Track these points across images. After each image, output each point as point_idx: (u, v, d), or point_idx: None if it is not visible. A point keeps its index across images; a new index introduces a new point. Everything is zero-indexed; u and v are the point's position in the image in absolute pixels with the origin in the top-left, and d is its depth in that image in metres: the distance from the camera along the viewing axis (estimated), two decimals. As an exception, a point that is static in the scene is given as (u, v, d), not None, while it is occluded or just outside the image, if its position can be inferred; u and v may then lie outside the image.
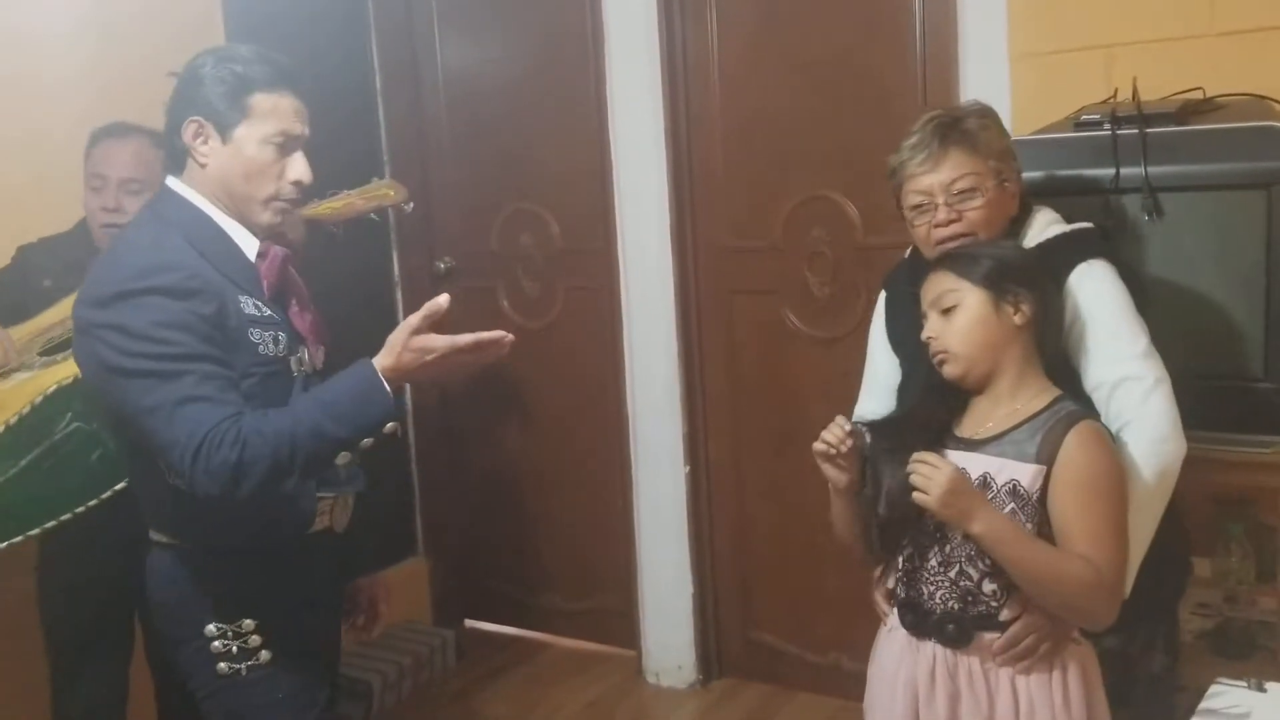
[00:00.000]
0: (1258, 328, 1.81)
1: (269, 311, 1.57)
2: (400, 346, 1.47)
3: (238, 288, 1.54)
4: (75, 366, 1.62)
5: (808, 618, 2.87)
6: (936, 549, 1.53)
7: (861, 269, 2.64)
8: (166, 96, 1.59)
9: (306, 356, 1.62)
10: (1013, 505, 1.47)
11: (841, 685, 2.79)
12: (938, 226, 1.66)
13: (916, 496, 1.44)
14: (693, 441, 2.94)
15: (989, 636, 1.50)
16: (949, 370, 1.54)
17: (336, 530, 1.67)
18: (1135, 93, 1.94)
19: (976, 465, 1.50)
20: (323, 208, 2.02)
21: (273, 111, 1.56)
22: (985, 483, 1.49)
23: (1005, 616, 1.50)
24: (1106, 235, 1.75)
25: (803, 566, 2.85)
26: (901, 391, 1.81)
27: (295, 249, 1.85)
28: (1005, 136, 1.72)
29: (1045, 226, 1.70)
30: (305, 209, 1.94)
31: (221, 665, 1.58)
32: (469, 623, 3.41)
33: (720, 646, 3.03)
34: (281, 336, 1.57)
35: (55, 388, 1.70)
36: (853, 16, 2.57)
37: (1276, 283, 1.78)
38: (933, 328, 1.55)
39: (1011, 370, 1.53)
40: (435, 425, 3.36)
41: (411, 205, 2.24)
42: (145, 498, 1.62)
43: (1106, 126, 1.87)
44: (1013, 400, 1.53)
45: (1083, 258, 1.64)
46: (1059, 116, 2.02)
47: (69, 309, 1.61)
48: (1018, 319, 1.52)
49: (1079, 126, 1.93)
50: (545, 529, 3.25)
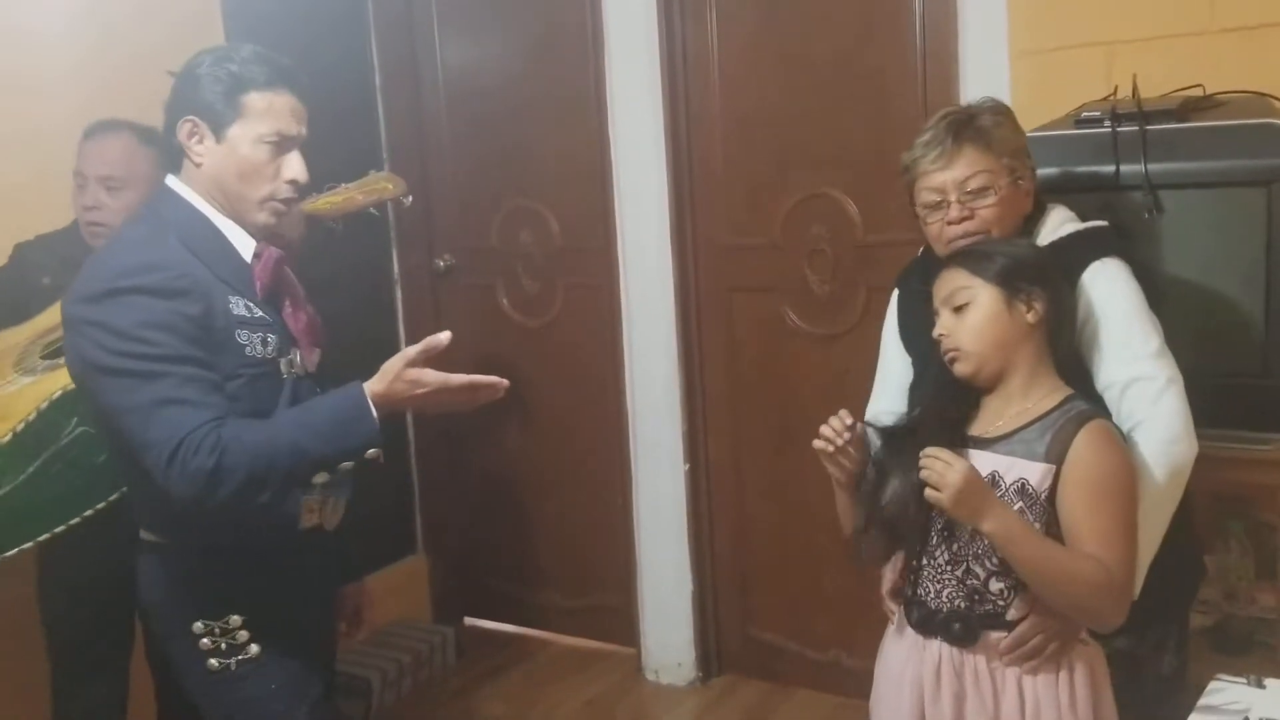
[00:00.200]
0: (1258, 325, 1.81)
1: (260, 313, 1.56)
2: (393, 375, 1.47)
3: (229, 288, 1.53)
4: None
5: (807, 615, 2.87)
6: (944, 547, 1.52)
7: (861, 267, 2.64)
8: (165, 94, 1.59)
9: (299, 358, 1.60)
10: (1021, 504, 1.47)
11: (841, 682, 2.80)
12: (950, 224, 1.64)
13: (929, 494, 1.42)
14: (692, 439, 2.94)
15: (995, 636, 1.50)
16: (960, 368, 1.53)
17: (327, 529, 1.66)
18: (1135, 90, 1.93)
19: (986, 463, 1.50)
20: (321, 202, 2.00)
21: (267, 111, 1.55)
22: (994, 481, 1.48)
23: (1012, 616, 1.49)
24: (1121, 234, 1.73)
25: (802, 564, 2.85)
26: (913, 391, 1.80)
27: (293, 247, 1.84)
28: (1020, 134, 1.70)
29: (1059, 225, 1.69)
30: (304, 204, 1.93)
31: (212, 661, 1.58)
32: (469, 620, 3.41)
33: (720, 644, 3.03)
34: (271, 338, 1.56)
35: (60, 393, 1.69)
36: (853, 14, 2.57)
37: (1276, 280, 1.78)
38: (944, 325, 1.54)
39: (1023, 369, 1.52)
40: (434, 423, 3.35)
41: (410, 199, 2.23)
42: (134, 496, 1.62)
43: (1107, 124, 1.87)
44: (1024, 399, 1.52)
45: (1096, 256, 1.63)
46: (1059, 114, 2.02)
47: None
48: (1030, 317, 1.51)
49: (1079, 124, 1.93)
50: (545, 527, 3.25)
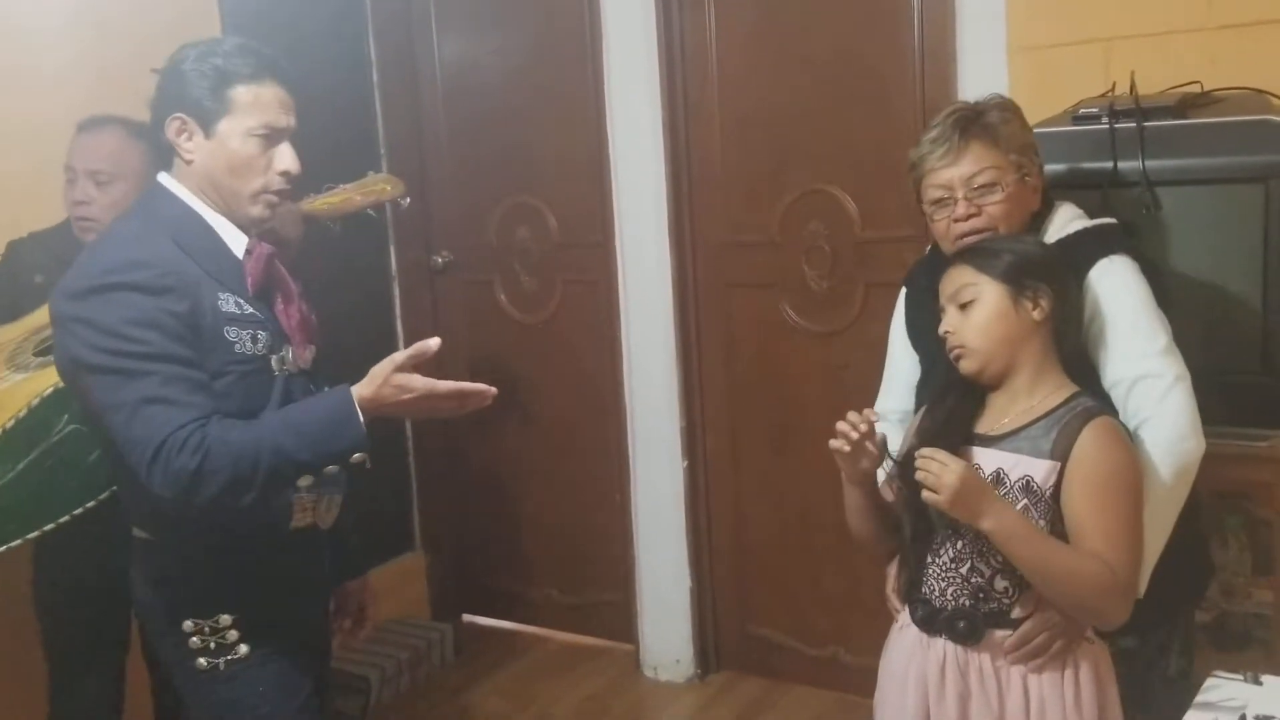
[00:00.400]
0: (1255, 321, 1.81)
1: (251, 309, 1.55)
2: (381, 379, 1.47)
3: (220, 284, 1.52)
4: None
5: (805, 611, 2.87)
6: (949, 545, 1.52)
7: (859, 263, 2.64)
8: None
9: (291, 355, 1.59)
10: (1025, 501, 1.46)
11: (839, 678, 2.80)
12: (957, 221, 1.63)
13: (926, 495, 1.42)
14: (690, 436, 2.94)
15: (1000, 634, 1.49)
16: (965, 365, 1.53)
17: (322, 527, 1.65)
18: (1133, 86, 1.93)
19: (991, 461, 1.49)
20: (320, 203, 2.00)
21: (255, 103, 1.53)
22: (999, 478, 1.48)
23: (1017, 614, 1.49)
24: (1129, 231, 1.72)
25: (800, 560, 2.85)
26: (920, 388, 1.80)
27: (291, 246, 1.83)
28: (1027, 130, 1.69)
29: (1067, 222, 1.68)
30: (302, 204, 1.93)
31: (200, 661, 1.57)
32: (466, 617, 3.40)
33: (718, 640, 3.03)
34: (262, 335, 1.54)
35: (52, 390, 1.69)
36: (851, 10, 2.56)
37: (1274, 276, 1.78)
38: (950, 322, 1.53)
39: (1029, 366, 1.51)
40: (432, 420, 3.35)
41: (408, 200, 2.23)
42: (125, 493, 1.61)
43: (1104, 120, 1.87)
44: (1030, 396, 1.51)
45: (1104, 253, 1.62)
46: (1057, 110, 2.02)
47: None
48: (1036, 314, 1.50)
49: (1077, 120, 1.93)
50: (543, 523, 3.25)
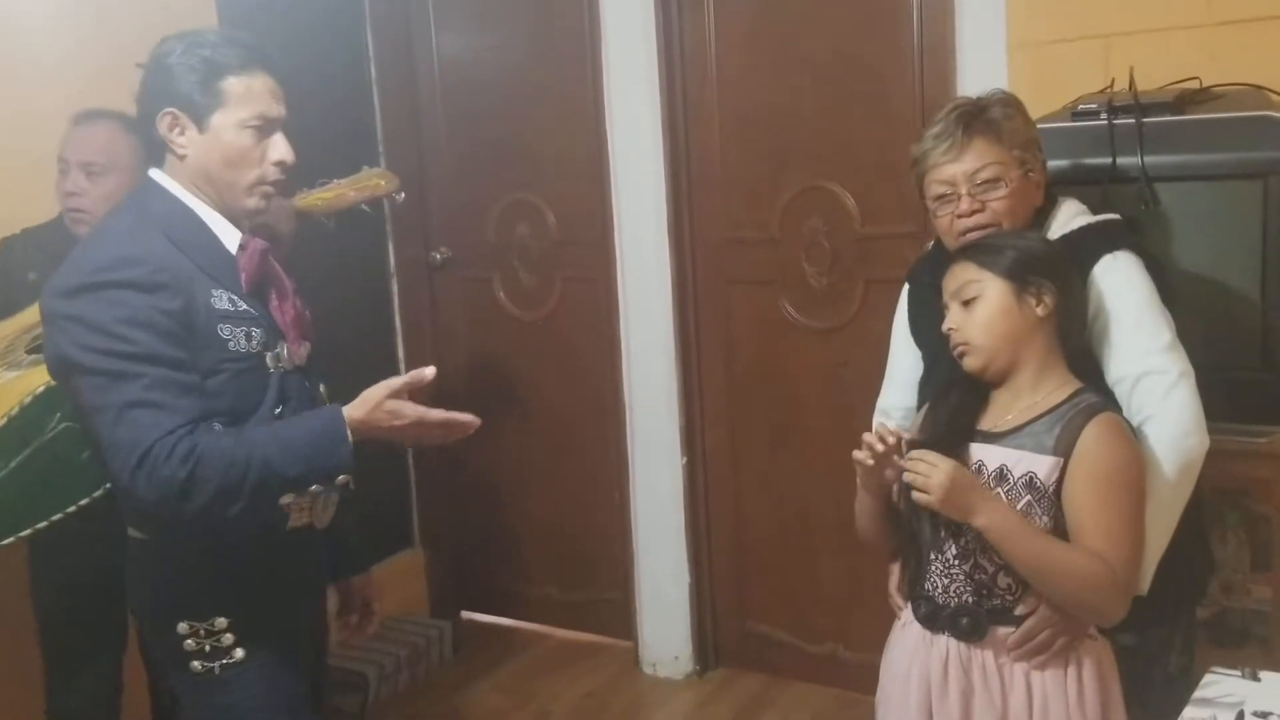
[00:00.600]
0: (1254, 317, 1.81)
1: (245, 306, 1.53)
2: (374, 404, 1.48)
3: (214, 281, 1.51)
4: None
5: (804, 608, 2.87)
6: (951, 542, 1.51)
7: (859, 260, 2.64)
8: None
9: (286, 352, 1.58)
10: (1029, 498, 1.46)
11: (838, 675, 2.81)
12: (961, 217, 1.63)
13: (917, 496, 1.43)
14: (690, 433, 2.94)
15: (1003, 631, 1.49)
16: (969, 362, 1.52)
17: (318, 527, 1.64)
18: (1132, 82, 1.93)
19: (994, 457, 1.49)
20: (313, 198, 1.99)
21: (247, 94, 1.52)
22: (1002, 475, 1.48)
23: (1020, 611, 1.48)
24: (1133, 227, 1.72)
25: (799, 557, 2.85)
26: (923, 385, 1.79)
27: (284, 242, 1.83)
28: (1030, 125, 1.69)
29: (1071, 217, 1.68)
30: (296, 200, 1.92)
31: (195, 664, 1.55)
32: (465, 614, 3.41)
33: (717, 637, 3.03)
34: (256, 332, 1.53)
35: (44, 387, 1.67)
36: (851, 7, 2.56)
37: (1273, 272, 1.79)
38: (954, 319, 1.53)
39: (1033, 363, 1.51)
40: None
41: (403, 195, 2.22)
42: (120, 493, 1.59)
43: (1103, 116, 1.87)
44: (1033, 393, 1.51)
45: (1108, 249, 1.61)
46: (1056, 106, 2.02)
47: None
48: (1040, 311, 1.50)
49: (1076, 116, 1.93)
50: (542, 520, 3.25)
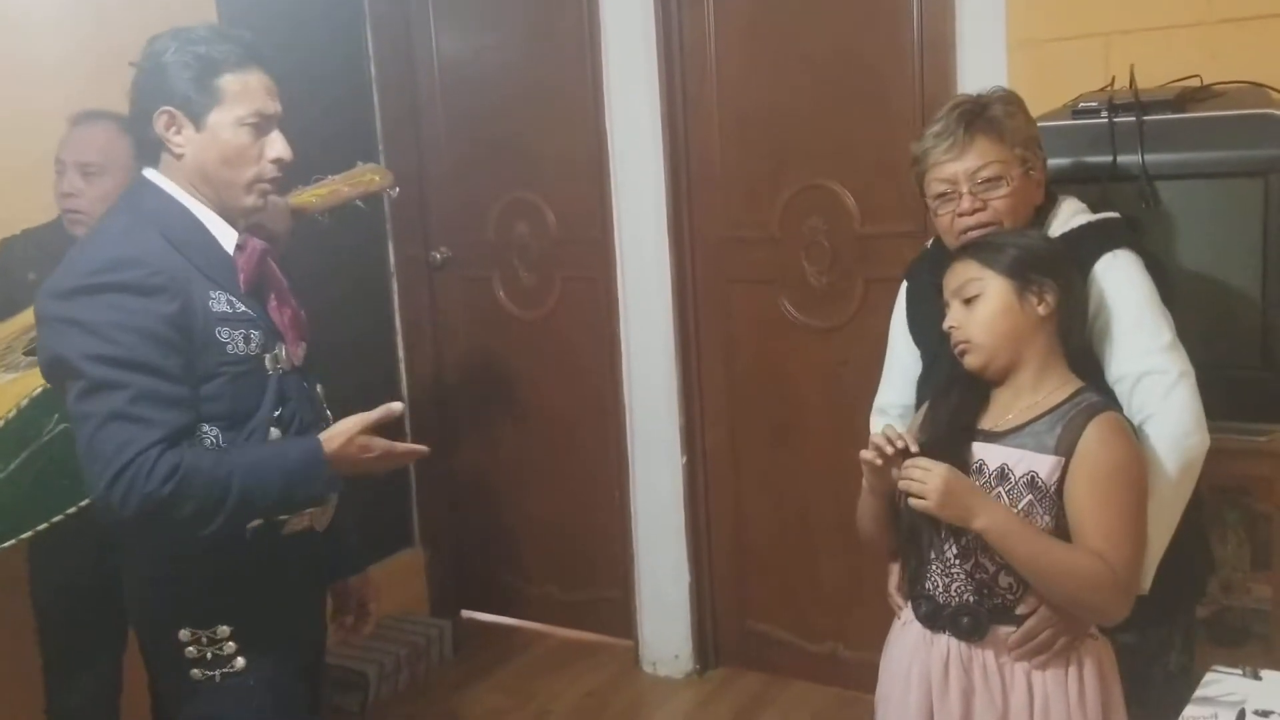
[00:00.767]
0: (1254, 315, 1.81)
1: (243, 307, 1.52)
2: (347, 438, 1.50)
3: (212, 282, 1.50)
4: None
5: (804, 607, 2.87)
6: (952, 541, 1.51)
7: (859, 258, 2.64)
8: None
9: (284, 353, 1.57)
10: (1030, 497, 1.45)
11: (838, 674, 2.80)
12: (962, 215, 1.63)
13: (914, 502, 1.43)
14: (689, 432, 2.94)
15: (1004, 630, 1.49)
16: (970, 361, 1.52)
17: (318, 530, 1.63)
18: (1133, 80, 1.93)
19: (995, 456, 1.49)
20: (308, 195, 1.98)
21: (244, 92, 1.51)
22: (1004, 474, 1.47)
23: (1022, 610, 1.48)
24: (1133, 226, 1.72)
25: (799, 556, 2.85)
26: (922, 384, 1.79)
27: (278, 240, 1.81)
28: (1031, 124, 1.68)
29: (1071, 216, 1.68)
30: (290, 197, 1.91)
31: (194, 671, 1.53)
32: (466, 613, 3.41)
33: (717, 636, 3.03)
34: (255, 334, 1.52)
35: (41, 390, 1.67)
36: (850, 5, 2.56)
37: (1273, 270, 1.78)
38: (955, 317, 1.53)
39: (1034, 361, 1.50)
40: (431, 416, 3.35)
41: (397, 190, 2.21)
42: (96, 500, 1.54)
43: (1104, 114, 1.87)
44: (1034, 392, 1.50)
45: (1108, 248, 1.61)
46: (1056, 104, 2.02)
47: None
48: (1041, 309, 1.50)
49: (1076, 114, 1.93)
50: (542, 519, 3.25)
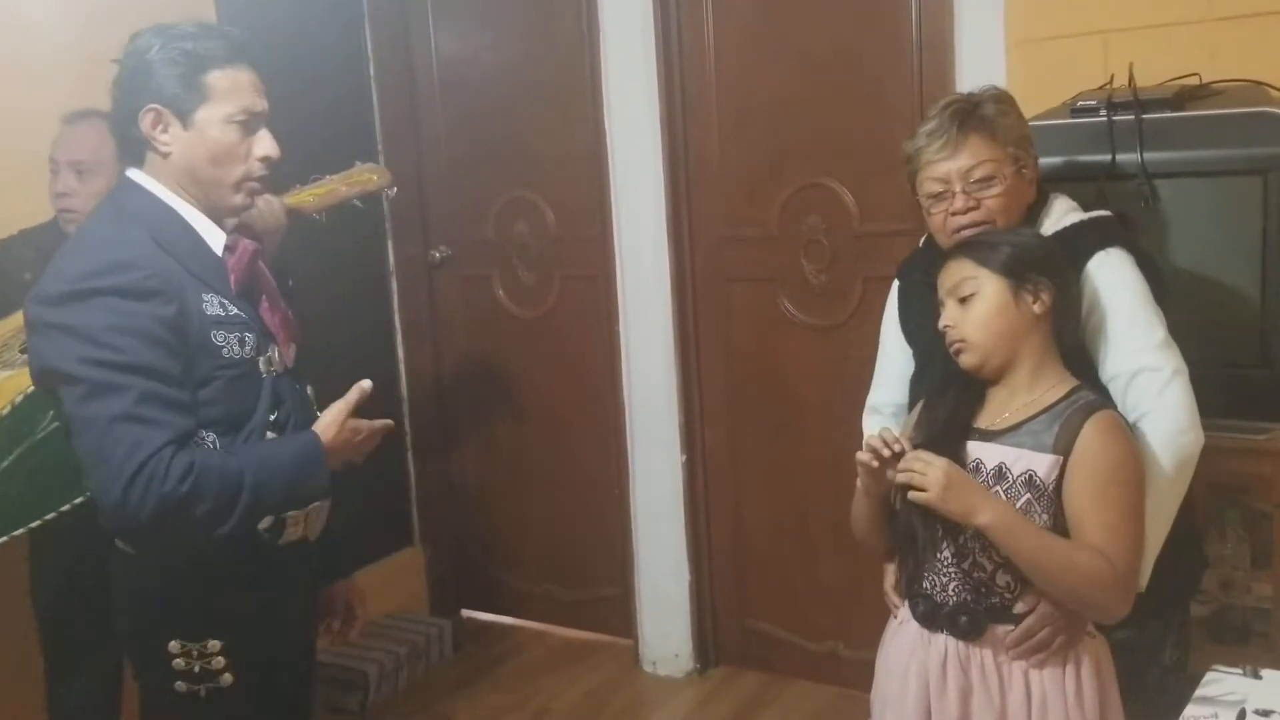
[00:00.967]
0: (1254, 314, 1.81)
1: (236, 310, 1.50)
2: (339, 424, 1.51)
3: (204, 285, 1.47)
4: None
5: (804, 606, 2.87)
6: (949, 540, 1.51)
7: (858, 257, 2.64)
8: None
9: (277, 356, 1.55)
10: (1028, 496, 1.45)
11: (838, 673, 2.80)
12: (955, 214, 1.63)
13: (914, 495, 1.42)
14: (689, 430, 2.94)
15: (1002, 630, 1.49)
16: (966, 360, 1.52)
17: (311, 538, 1.61)
18: (1131, 79, 1.93)
19: (993, 456, 1.49)
20: (305, 194, 1.97)
21: (232, 89, 1.48)
22: (1001, 473, 1.47)
23: (1019, 609, 1.48)
24: (1125, 224, 1.72)
25: (799, 555, 2.85)
26: (914, 383, 1.79)
27: (274, 239, 1.80)
28: (1023, 122, 1.69)
29: (1063, 214, 1.68)
30: (286, 196, 1.90)
31: (180, 684, 1.51)
32: (466, 612, 3.41)
33: (717, 635, 3.03)
34: (249, 337, 1.50)
35: (35, 387, 1.68)
36: (849, 3, 2.56)
37: (1273, 269, 1.78)
38: (950, 316, 1.52)
39: (1030, 360, 1.50)
40: (431, 415, 3.35)
41: (395, 189, 2.20)
42: (104, 506, 1.48)
43: (1102, 113, 1.87)
44: (1030, 391, 1.50)
45: (1100, 246, 1.61)
46: (1055, 103, 2.01)
47: None
48: (1037, 308, 1.50)
49: (1075, 113, 1.93)
50: (542, 518, 3.25)
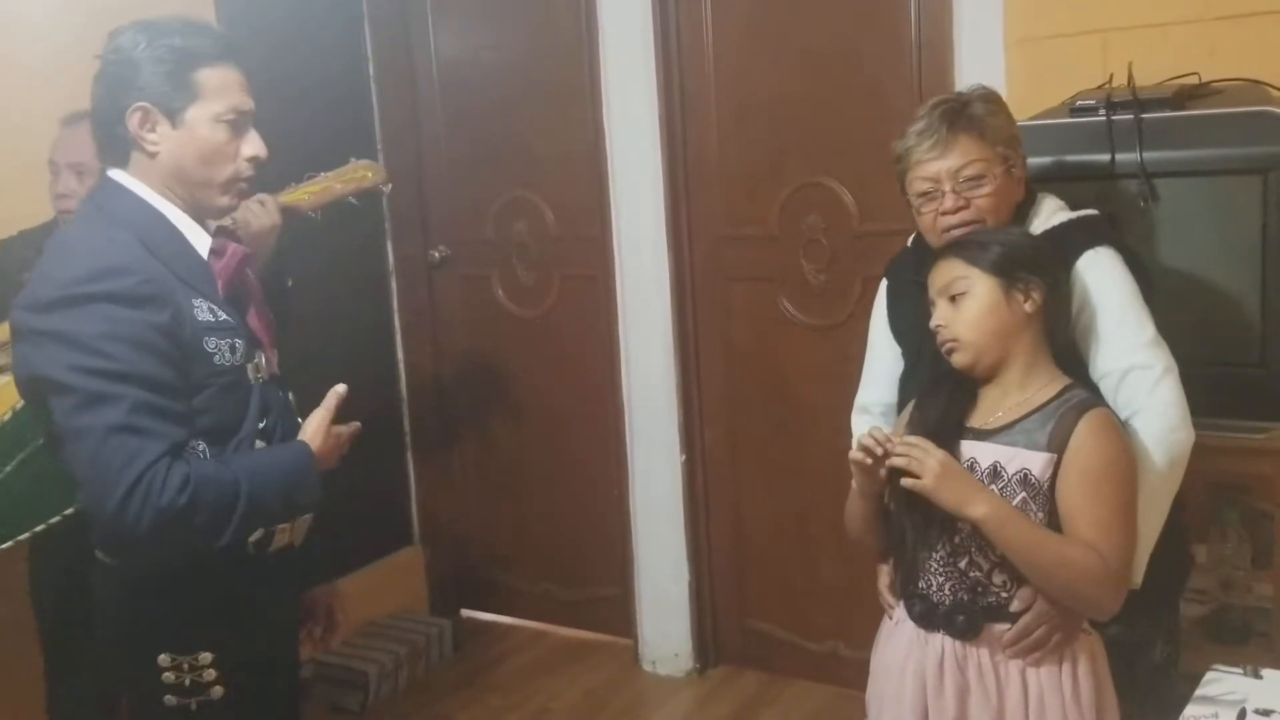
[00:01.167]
0: (1253, 313, 1.81)
1: (225, 315, 1.47)
2: (324, 431, 1.51)
3: (192, 290, 1.44)
4: None
5: (804, 606, 2.87)
6: (945, 539, 1.51)
7: (857, 256, 2.63)
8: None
9: (264, 362, 1.52)
10: (1024, 494, 1.46)
11: (838, 673, 2.80)
12: (945, 214, 1.63)
13: (908, 482, 1.42)
14: (688, 430, 2.94)
15: (999, 628, 1.49)
16: (957, 359, 1.52)
17: (296, 545, 1.59)
18: (1131, 78, 1.93)
19: (987, 454, 1.49)
20: (300, 192, 1.96)
21: (222, 87, 1.46)
22: (996, 472, 1.48)
23: (1016, 608, 1.48)
24: (1113, 223, 1.73)
25: (799, 554, 2.85)
26: (904, 382, 1.79)
27: (267, 240, 1.80)
28: (1011, 121, 1.69)
29: (1052, 213, 1.68)
30: (281, 195, 1.89)
31: (169, 698, 1.47)
32: (465, 612, 3.41)
33: (716, 635, 3.03)
34: (239, 343, 1.47)
35: (21, 397, 1.67)
36: (848, 2, 2.55)
37: (1272, 268, 1.78)
38: (941, 316, 1.53)
39: (1021, 359, 1.51)
40: (430, 414, 3.35)
41: (390, 186, 2.20)
42: (96, 518, 1.44)
43: (1102, 112, 1.87)
44: (1022, 389, 1.51)
45: (1089, 245, 1.62)
46: (1054, 102, 2.01)
47: None
48: (1028, 307, 1.50)
49: (1074, 112, 1.93)
50: (541, 518, 3.25)
